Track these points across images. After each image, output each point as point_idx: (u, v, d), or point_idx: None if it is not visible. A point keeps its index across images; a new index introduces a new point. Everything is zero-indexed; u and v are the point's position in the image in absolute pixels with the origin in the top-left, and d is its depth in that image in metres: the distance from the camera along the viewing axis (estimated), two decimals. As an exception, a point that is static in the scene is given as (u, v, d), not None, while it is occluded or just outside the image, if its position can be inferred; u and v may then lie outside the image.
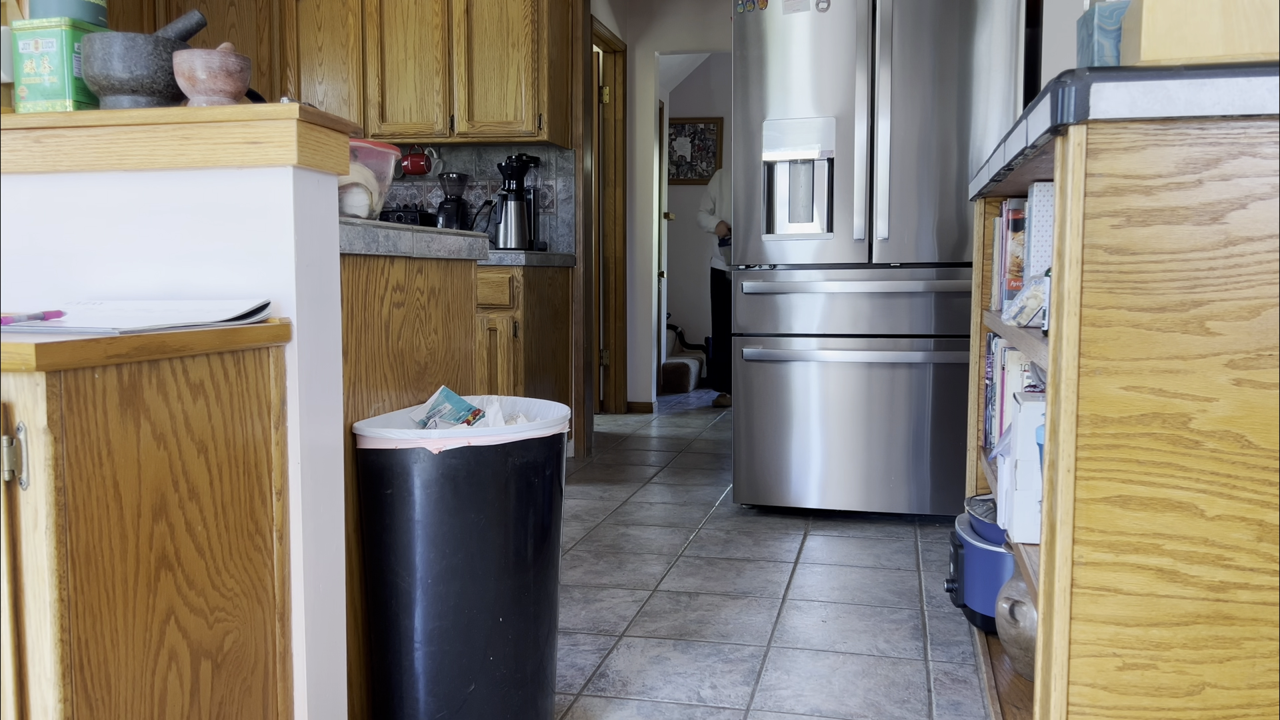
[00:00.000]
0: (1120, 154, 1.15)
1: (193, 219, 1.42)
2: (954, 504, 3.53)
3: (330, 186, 1.49)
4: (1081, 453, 1.18)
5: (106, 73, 1.53)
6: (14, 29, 1.60)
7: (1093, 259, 1.17)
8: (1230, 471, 1.16)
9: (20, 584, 1.07)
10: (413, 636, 1.69)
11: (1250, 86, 1.10)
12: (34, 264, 1.47)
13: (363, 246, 1.65)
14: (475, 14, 4.61)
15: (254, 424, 1.37)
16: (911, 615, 2.66)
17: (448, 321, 2.03)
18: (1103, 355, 1.17)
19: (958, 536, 2.36)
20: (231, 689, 1.35)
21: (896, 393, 3.55)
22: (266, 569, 1.41)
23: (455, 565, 1.68)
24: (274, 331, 1.37)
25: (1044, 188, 1.89)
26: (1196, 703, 1.19)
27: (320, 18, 4.76)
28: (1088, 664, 1.21)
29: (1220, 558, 1.17)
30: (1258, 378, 1.14)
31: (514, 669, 1.76)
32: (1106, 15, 1.32)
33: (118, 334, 1.12)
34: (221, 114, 1.37)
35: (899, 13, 3.43)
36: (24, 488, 1.05)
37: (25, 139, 1.44)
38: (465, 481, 1.66)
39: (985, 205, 2.68)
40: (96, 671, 1.12)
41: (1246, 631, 1.17)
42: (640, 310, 6.32)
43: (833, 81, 3.51)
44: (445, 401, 1.87)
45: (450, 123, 4.67)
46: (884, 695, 2.17)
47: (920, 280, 3.49)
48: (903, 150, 3.47)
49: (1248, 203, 1.13)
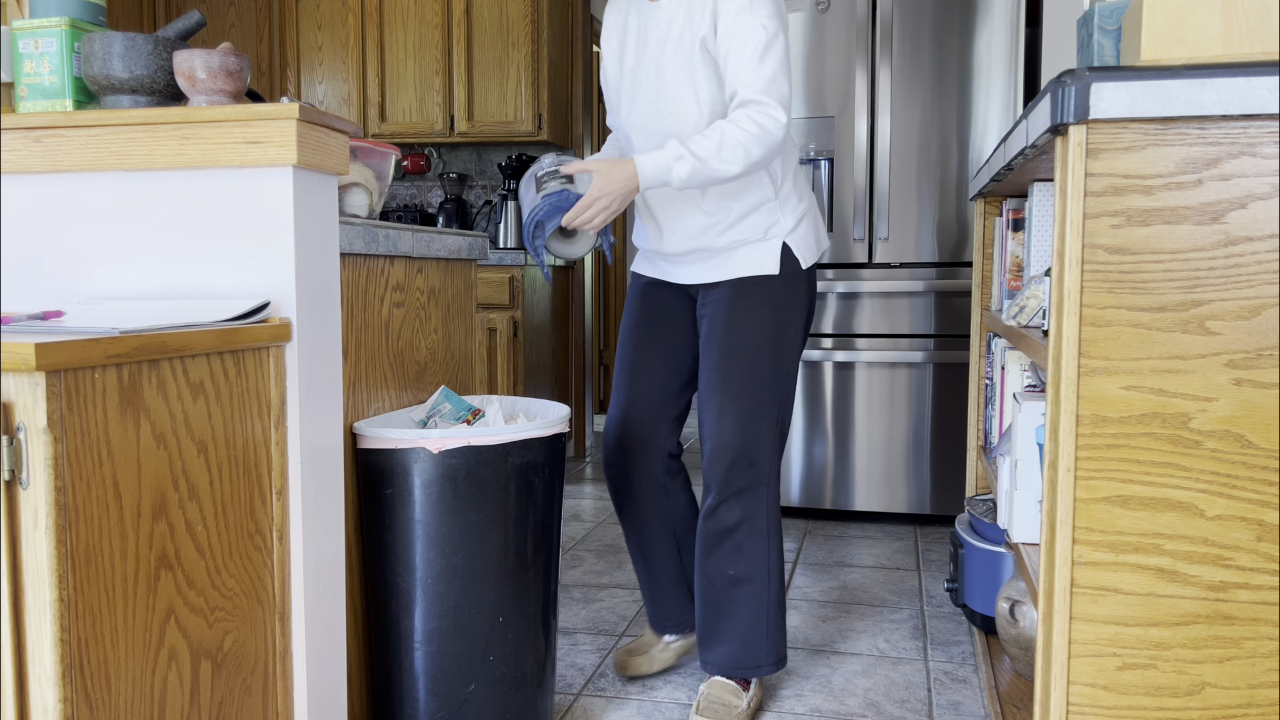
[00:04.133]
0: (1120, 154, 1.15)
1: (193, 219, 1.42)
2: (954, 504, 3.53)
3: (330, 186, 1.49)
4: (1081, 453, 1.18)
5: (106, 72, 1.53)
6: (14, 29, 1.60)
7: (1093, 259, 1.17)
8: (1230, 471, 1.16)
9: (20, 584, 1.07)
10: (413, 636, 1.69)
11: (1250, 86, 1.10)
12: (34, 264, 1.47)
13: (363, 246, 1.65)
14: (475, 14, 4.61)
15: (254, 424, 1.37)
16: (911, 615, 2.66)
17: (448, 321, 2.03)
18: (1103, 355, 1.17)
19: (958, 536, 2.36)
20: (231, 689, 1.35)
21: (896, 393, 3.55)
22: (266, 569, 1.41)
23: (455, 565, 1.68)
24: (274, 331, 1.37)
25: (1044, 187, 1.89)
26: (1196, 703, 1.19)
27: (320, 17, 4.76)
28: (1088, 664, 1.21)
29: (1220, 558, 1.17)
30: (1258, 377, 1.14)
31: (514, 669, 1.76)
32: (1106, 15, 1.32)
33: (118, 334, 1.12)
34: (221, 114, 1.37)
35: (899, 13, 3.43)
36: (24, 487, 1.05)
37: (25, 139, 1.44)
38: (465, 481, 1.66)
39: (985, 205, 2.68)
40: (96, 671, 1.12)
41: (1246, 631, 1.17)
42: (640, 310, 6.31)
43: (832, 81, 3.51)
44: (445, 401, 1.87)
45: (450, 122, 4.67)
46: (884, 695, 2.17)
47: (920, 280, 3.49)
48: (903, 150, 3.47)
49: (1248, 202, 1.13)
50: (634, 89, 1.91)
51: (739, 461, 1.93)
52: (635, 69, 1.90)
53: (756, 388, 1.92)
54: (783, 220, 1.94)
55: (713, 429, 1.94)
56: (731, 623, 2.00)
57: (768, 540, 1.98)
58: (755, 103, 1.74)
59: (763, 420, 1.93)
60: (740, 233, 1.92)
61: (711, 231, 1.93)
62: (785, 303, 1.94)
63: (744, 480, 1.94)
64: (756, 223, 1.92)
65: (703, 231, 1.93)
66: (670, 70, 1.82)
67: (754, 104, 1.74)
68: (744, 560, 1.97)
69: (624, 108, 1.95)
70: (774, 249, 1.93)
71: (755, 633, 2.00)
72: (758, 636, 2.01)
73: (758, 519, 1.97)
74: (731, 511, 1.96)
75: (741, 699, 2.01)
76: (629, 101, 1.93)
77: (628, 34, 1.91)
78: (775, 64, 1.74)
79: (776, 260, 1.93)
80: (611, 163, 1.78)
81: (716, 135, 1.73)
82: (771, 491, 1.99)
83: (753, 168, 1.76)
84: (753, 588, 1.99)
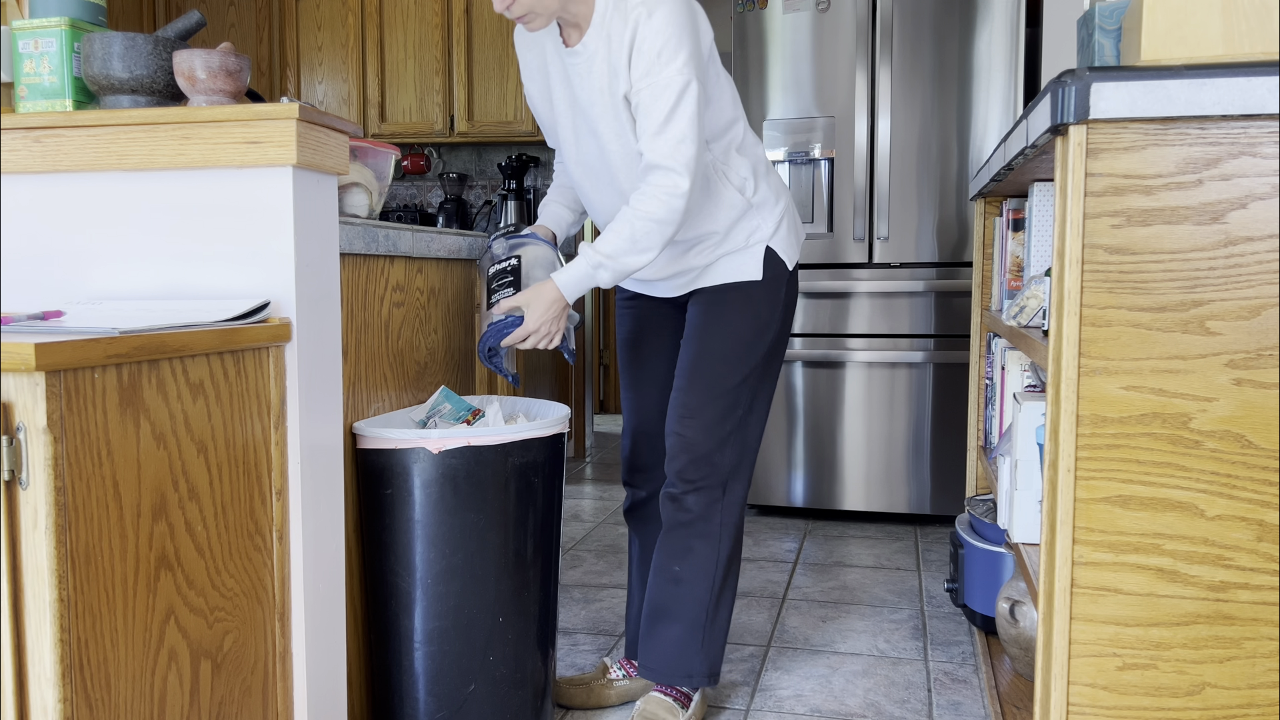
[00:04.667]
0: (1120, 154, 1.15)
1: (192, 219, 1.42)
2: (954, 504, 3.53)
3: (330, 186, 1.49)
4: (1081, 453, 1.18)
5: (106, 72, 1.53)
6: (14, 29, 1.60)
7: (1093, 259, 1.17)
8: (1230, 471, 1.16)
9: (20, 584, 1.07)
10: (412, 636, 1.69)
11: (1250, 86, 1.10)
12: (34, 264, 1.47)
13: (363, 246, 1.65)
14: (475, 14, 4.61)
15: (254, 424, 1.37)
16: (911, 615, 2.66)
17: (448, 321, 2.03)
18: (1103, 355, 1.17)
19: (958, 536, 2.36)
20: (231, 689, 1.35)
21: (896, 393, 3.55)
22: (266, 569, 1.41)
23: (455, 565, 1.68)
24: (274, 331, 1.37)
25: (1044, 187, 1.89)
26: (1196, 703, 1.19)
27: (320, 17, 4.76)
28: (1088, 664, 1.21)
29: (1220, 558, 1.17)
30: (1258, 378, 1.14)
31: (514, 669, 1.76)
32: (1107, 15, 1.32)
33: (117, 334, 1.12)
34: (221, 114, 1.37)
35: (899, 13, 3.43)
36: (24, 488, 1.05)
37: (25, 139, 1.44)
38: (465, 481, 1.66)
39: (985, 205, 2.68)
40: (96, 671, 1.12)
41: (1246, 631, 1.17)
42: (640, 310, 6.31)
43: (833, 81, 3.51)
44: (445, 401, 1.87)
45: (450, 122, 4.67)
46: (884, 695, 2.17)
47: (920, 280, 3.49)
48: (903, 150, 3.47)
49: (1248, 202, 1.13)
50: (574, 138, 1.88)
51: (699, 461, 1.90)
52: (571, 118, 1.86)
53: (725, 392, 1.89)
54: (763, 225, 1.90)
55: (675, 426, 1.91)
56: (668, 624, 1.95)
57: (719, 545, 1.93)
58: (659, 169, 1.71)
59: (728, 424, 1.90)
60: (722, 248, 1.90)
61: (690, 256, 1.90)
62: (764, 307, 1.90)
63: (702, 478, 1.90)
64: (737, 235, 1.88)
65: (681, 256, 1.90)
66: (604, 128, 1.79)
67: (658, 170, 1.71)
68: (691, 561, 1.93)
69: (565, 151, 1.93)
70: (757, 255, 1.89)
71: (690, 639, 1.95)
72: (692, 644, 1.95)
73: (711, 519, 1.92)
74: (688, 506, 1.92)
75: (678, 716, 1.95)
76: (570, 148, 1.91)
77: (550, 77, 1.86)
78: (684, 123, 1.69)
79: (760, 266, 1.90)
80: (533, 293, 1.79)
81: (626, 230, 1.72)
82: (731, 496, 1.94)
83: (670, 239, 1.75)
84: (695, 590, 1.93)
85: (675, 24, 1.68)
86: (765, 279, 1.90)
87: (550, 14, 1.72)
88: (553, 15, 1.72)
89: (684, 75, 1.68)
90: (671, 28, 1.68)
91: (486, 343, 1.83)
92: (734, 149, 1.88)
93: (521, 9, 1.69)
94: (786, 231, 1.93)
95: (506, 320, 1.82)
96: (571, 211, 2.10)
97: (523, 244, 1.94)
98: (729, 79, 1.88)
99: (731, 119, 1.87)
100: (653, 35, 1.68)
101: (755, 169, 1.91)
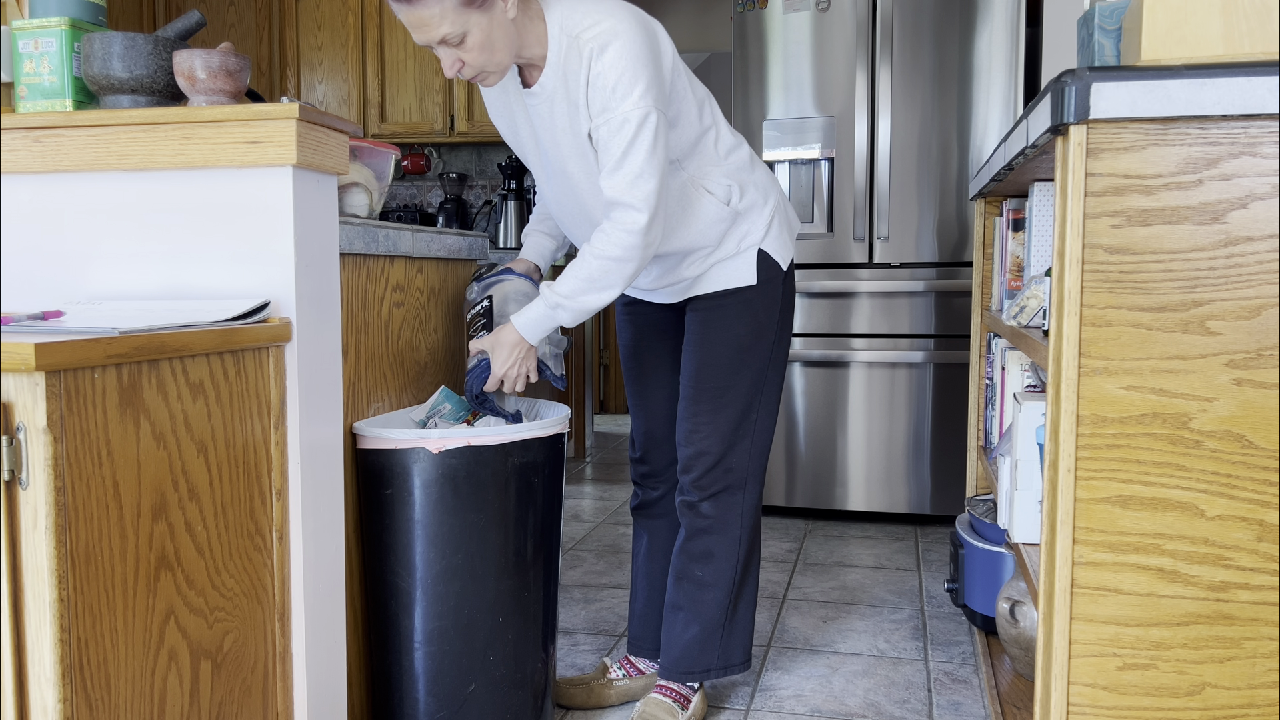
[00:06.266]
0: (1120, 154, 1.15)
1: (192, 219, 1.42)
2: (954, 504, 3.53)
3: (330, 186, 1.49)
4: (1082, 453, 1.18)
5: (106, 72, 1.53)
6: (14, 29, 1.60)
7: (1093, 259, 1.17)
8: (1230, 471, 1.16)
9: (20, 584, 1.07)
10: (413, 636, 1.69)
11: (1250, 86, 1.10)
12: (34, 264, 1.47)
13: (363, 246, 1.65)
14: (475, 14, 4.60)
15: (254, 424, 1.37)
16: (911, 615, 2.66)
17: (448, 321, 2.03)
18: (1103, 355, 1.17)
19: (958, 536, 2.36)
20: (231, 689, 1.35)
21: (896, 393, 3.55)
22: (266, 569, 1.41)
23: (455, 565, 1.68)
24: (274, 331, 1.37)
25: (1044, 187, 1.89)
26: (1197, 703, 1.19)
27: (320, 17, 4.76)
28: (1088, 664, 1.21)
29: (1220, 558, 1.17)
30: (1258, 378, 1.14)
31: (514, 669, 1.76)
32: (1107, 15, 1.32)
33: (117, 334, 1.12)
34: (221, 114, 1.37)
35: (899, 13, 3.43)
36: (24, 488, 1.05)
37: (25, 139, 1.44)
38: (465, 481, 1.66)
39: (985, 205, 2.68)
40: (96, 671, 1.12)
41: (1247, 631, 1.17)
42: (640, 310, 6.31)
43: (833, 81, 3.51)
44: (445, 401, 1.87)
45: (450, 122, 4.67)
46: (884, 695, 2.17)
47: (920, 280, 3.49)
48: (903, 150, 3.47)
49: (1248, 202, 1.13)
50: (545, 175, 1.87)
51: (713, 469, 1.91)
52: (538, 156, 1.85)
53: (732, 399, 1.90)
54: (753, 230, 1.88)
55: (686, 438, 1.91)
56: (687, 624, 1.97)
57: (738, 547, 1.95)
58: (617, 205, 1.69)
59: (738, 429, 1.90)
60: (714, 257, 1.89)
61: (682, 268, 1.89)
62: (762, 310, 1.89)
63: (717, 484, 1.92)
64: (728, 243, 1.86)
65: (674, 269, 1.90)
66: (572, 166, 1.78)
67: (616, 207, 1.69)
68: (712, 565, 1.94)
69: (539, 184, 1.93)
70: (749, 259, 1.88)
71: (709, 639, 1.97)
72: (710, 643, 1.98)
73: (729, 523, 1.94)
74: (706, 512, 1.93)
75: (678, 717, 1.97)
76: (543, 183, 1.91)
77: (515, 116, 1.84)
78: (640, 158, 1.67)
79: (753, 270, 1.88)
80: (494, 338, 1.81)
81: (584, 270, 1.72)
82: (748, 497, 1.95)
83: (634, 275, 1.74)
84: (715, 593, 1.96)
85: (629, 56, 1.64)
86: (760, 282, 1.89)
87: (503, 69, 1.69)
88: (506, 69, 1.70)
89: (640, 109, 1.65)
90: (625, 60, 1.64)
91: (471, 390, 1.85)
92: (710, 160, 1.85)
93: (472, 71, 1.66)
94: (778, 231, 1.91)
95: (481, 364, 1.83)
96: (553, 239, 2.09)
97: (495, 282, 1.93)
98: (697, 91, 1.83)
99: (700, 131, 1.83)
100: (607, 70, 1.65)
101: (738, 175, 1.88)
